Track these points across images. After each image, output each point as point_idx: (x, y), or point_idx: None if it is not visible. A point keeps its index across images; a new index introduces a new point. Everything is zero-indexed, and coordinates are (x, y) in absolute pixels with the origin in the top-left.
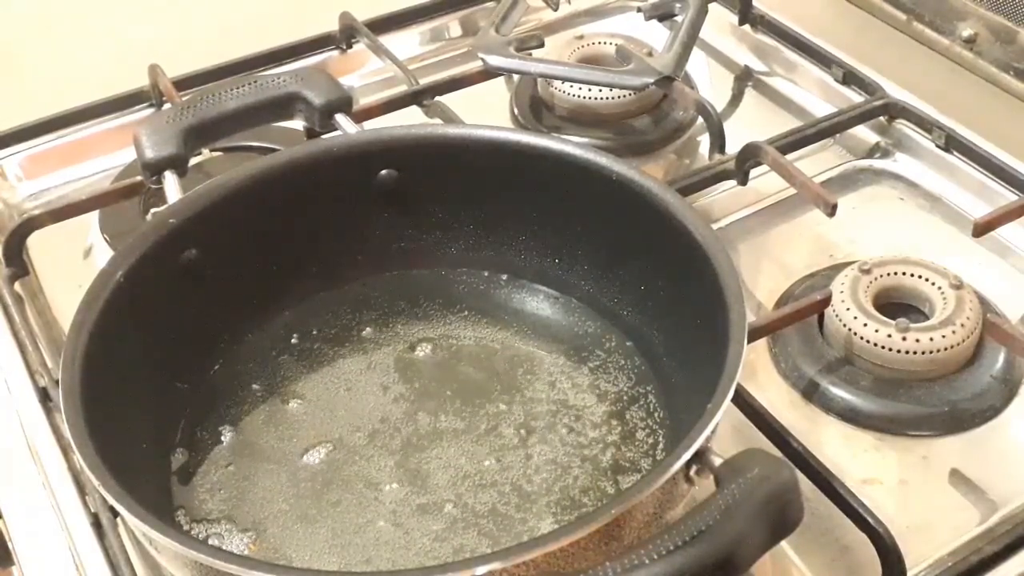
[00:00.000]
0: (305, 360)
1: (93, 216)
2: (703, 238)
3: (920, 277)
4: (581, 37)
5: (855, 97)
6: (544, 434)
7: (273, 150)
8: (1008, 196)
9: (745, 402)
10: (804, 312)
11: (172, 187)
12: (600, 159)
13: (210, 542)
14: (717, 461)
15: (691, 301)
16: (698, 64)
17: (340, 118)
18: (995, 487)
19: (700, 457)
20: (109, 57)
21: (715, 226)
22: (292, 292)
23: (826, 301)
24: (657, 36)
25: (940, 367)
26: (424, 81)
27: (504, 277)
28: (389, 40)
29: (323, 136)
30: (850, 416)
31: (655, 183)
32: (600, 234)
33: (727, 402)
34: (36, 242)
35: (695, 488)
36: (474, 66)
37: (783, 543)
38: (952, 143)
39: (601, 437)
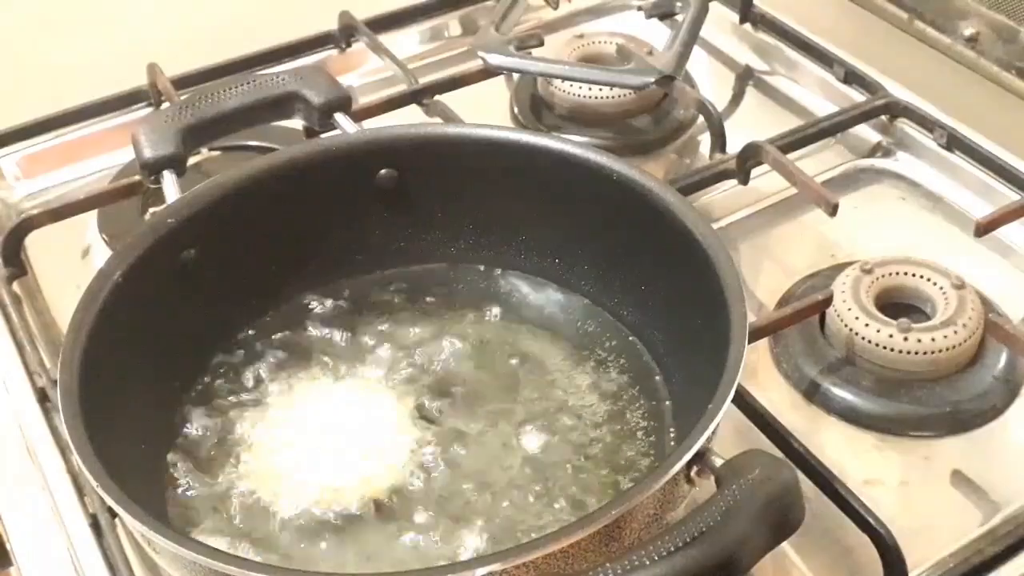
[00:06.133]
0: (304, 360)
1: (91, 216)
2: (704, 238)
3: (922, 277)
4: (581, 36)
5: (857, 96)
6: (544, 434)
7: (272, 149)
8: (1010, 196)
9: (746, 402)
10: (805, 312)
11: (171, 187)
12: (600, 158)
13: (208, 543)
14: (718, 462)
15: (692, 301)
16: (699, 63)
17: (339, 117)
18: (997, 488)
19: (701, 458)
20: (108, 56)
21: (716, 226)
22: (291, 292)
23: (827, 301)
24: (658, 35)
25: (942, 367)
26: (424, 80)
27: (504, 277)
28: (388, 39)
29: (322, 135)
30: (851, 417)
31: (656, 182)
32: (600, 234)
33: (728, 403)
34: (34, 242)
35: (696, 489)
36: (474, 65)
37: (784, 544)
38: (954, 142)
39: (601, 437)
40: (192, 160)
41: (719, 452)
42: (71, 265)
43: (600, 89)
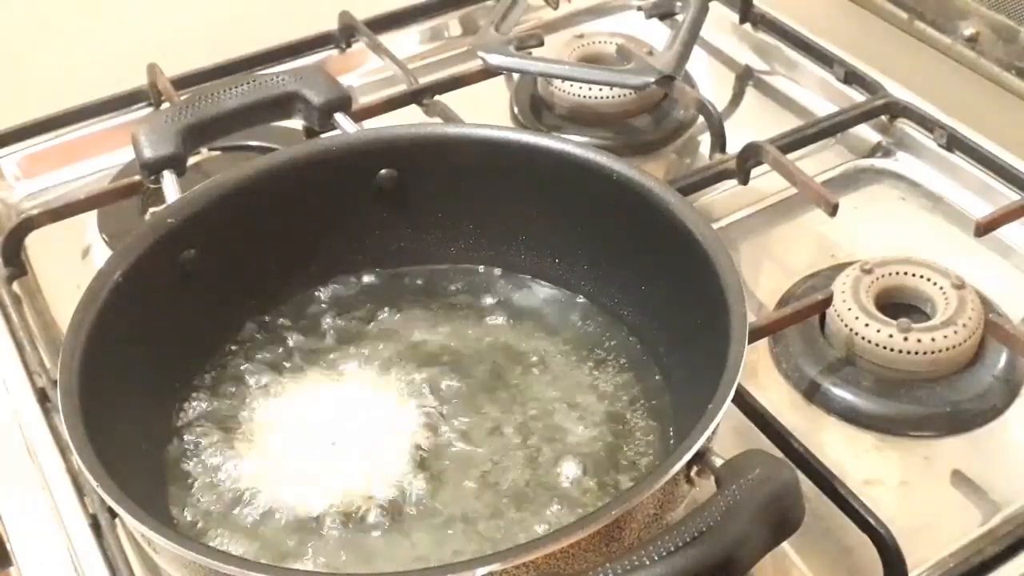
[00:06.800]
0: (304, 360)
1: (91, 216)
2: (704, 238)
3: (922, 277)
4: (581, 36)
5: (857, 96)
6: (544, 434)
7: (272, 150)
8: (1010, 196)
9: (746, 402)
10: (805, 312)
11: (171, 187)
12: (600, 158)
13: (208, 543)
14: (718, 462)
15: (692, 301)
16: (699, 63)
17: (339, 117)
18: (997, 488)
19: (701, 458)
20: (108, 56)
21: (716, 226)
22: (291, 292)
23: (827, 301)
24: (657, 35)
25: (942, 367)
26: (424, 80)
27: (504, 276)
28: (388, 39)
29: (322, 135)
30: (851, 417)
31: (656, 182)
32: (600, 234)
33: (728, 403)
34: (34, 242)
35: (696, 489)
36: (474, 65)
37: (784, 544)
38: (954, 142)
39: (601, 437)
40: (192, 160)
41: (719, 452)
42: (71, 265)
43: (600, 89)
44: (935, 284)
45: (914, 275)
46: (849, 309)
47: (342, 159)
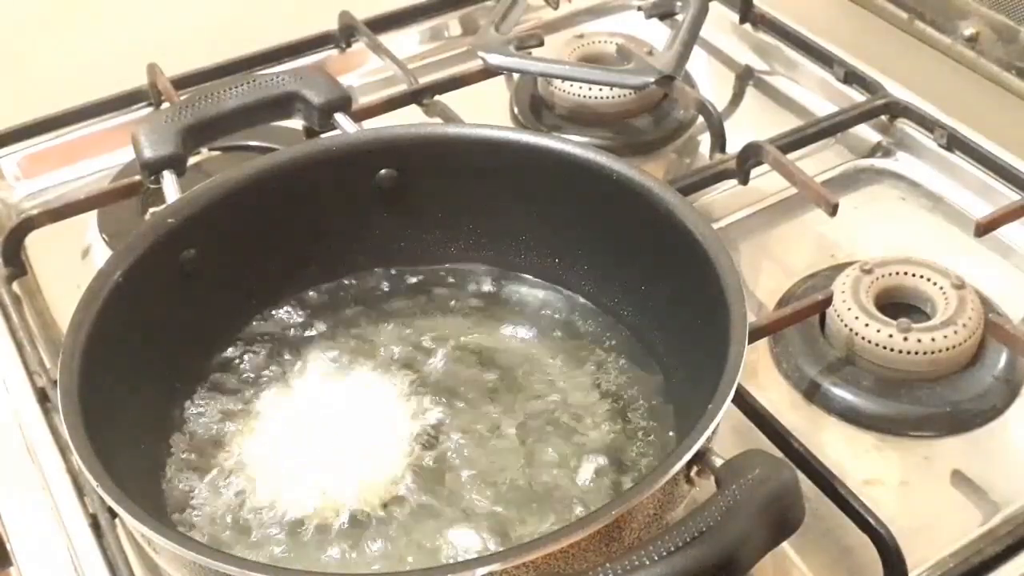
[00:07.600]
0: (304, 360)
1: (92, 216)
2: (704, 238)
3: (922, 277)
4: (581, 36)
5: (857, 96)
6: (544, 434)
7: (272, 149)
8: (1010, 196)
9: (746, 402)
10: (805, 312)
11: (171, 187)
12: (600, 158)
13: (208, 543)
14: (718, 462)
15: (692, 301)
16: (699, 63)
17: (339, 117)
18: (997, 488)
19: (701, 458)
20: (107, 56)
21: (716, 226)
22: (291, 292)
23: (827, 301)
24: (657, 35)
25: (942, 367)
26: (424, 80)
27: (504, 276)
28: (388, 39)
29: (322, 135)
30: (851, 417)
31: (656, 182)
32: (600, 234)
33: (728, 403)
34: (34, 242)
35: (696, 489)
36: (474, 65)
37: (784, 544)
38: (954, 142)
39: (601, 437)
40: (192, 160)
41: (719, 452)
42: (71, 265)
43: (600, 89)
44: (935, 284)
45: (914, 275)
46: (849, 309)
47: (342, 159)
